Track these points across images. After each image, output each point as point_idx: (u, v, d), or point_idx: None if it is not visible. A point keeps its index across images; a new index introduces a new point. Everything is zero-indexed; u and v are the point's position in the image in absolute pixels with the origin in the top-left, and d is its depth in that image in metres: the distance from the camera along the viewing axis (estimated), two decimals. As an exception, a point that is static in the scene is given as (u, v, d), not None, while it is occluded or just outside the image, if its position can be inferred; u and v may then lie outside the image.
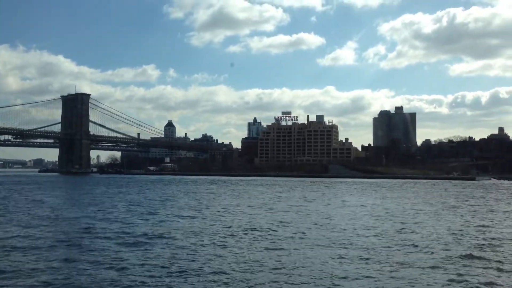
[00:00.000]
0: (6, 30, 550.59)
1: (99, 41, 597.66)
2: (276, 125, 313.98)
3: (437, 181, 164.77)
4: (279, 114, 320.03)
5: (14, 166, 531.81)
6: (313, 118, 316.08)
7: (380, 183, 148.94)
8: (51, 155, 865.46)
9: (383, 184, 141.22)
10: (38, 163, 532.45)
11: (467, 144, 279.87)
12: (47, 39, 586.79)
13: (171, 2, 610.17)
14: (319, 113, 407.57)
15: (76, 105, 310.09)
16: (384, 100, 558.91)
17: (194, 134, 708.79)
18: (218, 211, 52.02)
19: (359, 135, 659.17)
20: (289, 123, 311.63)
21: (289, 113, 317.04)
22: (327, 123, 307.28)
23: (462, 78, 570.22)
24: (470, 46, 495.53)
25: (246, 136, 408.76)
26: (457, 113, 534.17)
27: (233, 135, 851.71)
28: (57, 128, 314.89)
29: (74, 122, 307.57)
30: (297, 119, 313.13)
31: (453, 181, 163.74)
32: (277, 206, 58.88)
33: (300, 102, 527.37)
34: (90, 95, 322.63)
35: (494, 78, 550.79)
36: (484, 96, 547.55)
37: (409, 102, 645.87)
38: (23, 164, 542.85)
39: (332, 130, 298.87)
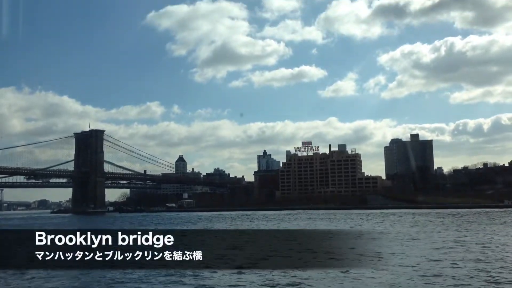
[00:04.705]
0: (12, 72, 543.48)
1: (104, 80, 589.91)
2: (297, 156, 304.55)
3: (501, 209, 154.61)
4: (282, 147, 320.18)
5: (19, 208, 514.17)
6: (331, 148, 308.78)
7: (448, 214, 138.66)
8: (56, 195, 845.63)
9: (451, 214, 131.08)
10: (43, 204, 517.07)
11: (497, 170, 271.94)
12: (53, 80, 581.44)
13: (174, 40, 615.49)
14: (322, 144, 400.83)
15: (90, 143, 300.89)
16: (386, 130, 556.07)
17: (198, 169, 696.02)
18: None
19: (364, 165, 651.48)
20: (310, 153, 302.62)
21: (310, 143, 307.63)
22: (349, 152, 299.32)
23: (463, 105, 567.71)
24: (470, 73, 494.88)
25: (256, 169, 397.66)
26: (460, 141, 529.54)
27: (236, 169, 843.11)
28: (69, 167, 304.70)
29: (88, 160, 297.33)
30: (318, 149, 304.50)
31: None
32: None
33: (302, 134, 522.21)
34: (104, 131, 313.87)
35: (495, 105, 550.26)
36: (486, 123, 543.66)
37: (411, 131, 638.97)
38: (27, 205, 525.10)
39: (356, 159, 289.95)
